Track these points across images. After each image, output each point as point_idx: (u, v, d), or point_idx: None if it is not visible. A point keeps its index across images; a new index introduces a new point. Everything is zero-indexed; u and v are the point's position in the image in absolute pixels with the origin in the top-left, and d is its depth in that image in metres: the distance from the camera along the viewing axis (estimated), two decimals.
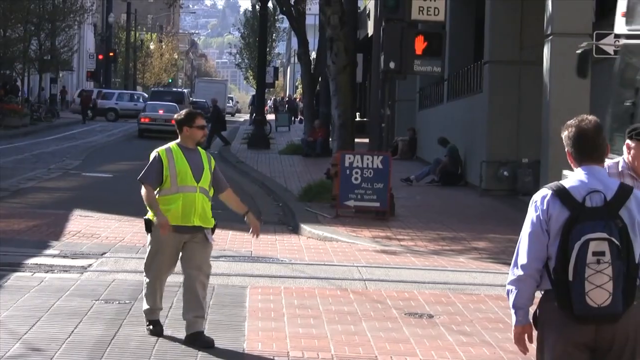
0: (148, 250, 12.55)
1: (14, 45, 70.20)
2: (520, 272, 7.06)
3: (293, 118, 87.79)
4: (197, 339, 12.23)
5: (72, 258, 18.17)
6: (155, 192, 12.27)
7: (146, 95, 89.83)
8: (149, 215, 12.34)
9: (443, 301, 15.48)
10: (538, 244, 7.00)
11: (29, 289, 15.28)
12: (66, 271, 16.95)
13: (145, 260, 12.67)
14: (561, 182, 7.12)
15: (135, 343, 12.24)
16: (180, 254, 12.39)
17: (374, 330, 13.35)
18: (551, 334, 7.08)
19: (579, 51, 16.90)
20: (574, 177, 7.10)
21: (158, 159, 12.28)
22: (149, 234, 12.46)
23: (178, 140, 12.52)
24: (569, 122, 7.20)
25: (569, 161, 7.21)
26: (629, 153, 8.88)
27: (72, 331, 12.70)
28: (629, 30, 16.35)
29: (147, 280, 12.57)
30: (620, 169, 8.88)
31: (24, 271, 16.82)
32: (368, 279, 17.24)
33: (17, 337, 12.33)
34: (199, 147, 12.61)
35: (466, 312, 14.78)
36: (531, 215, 7.04)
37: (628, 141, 8.91)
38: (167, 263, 12.50)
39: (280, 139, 59.35)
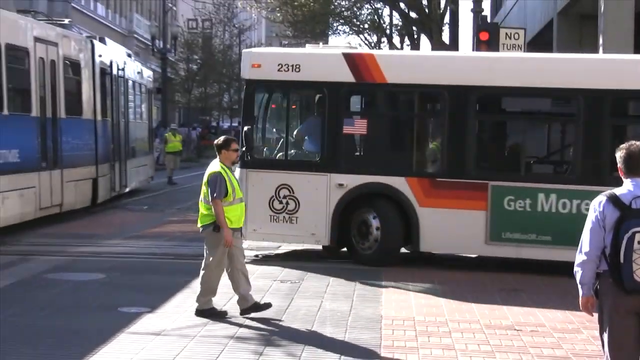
0: (217, 248, 11.89)
1: (212, 99, 71.95)
2: (584, 257, 7.11)
3: None
4: (257, 307, 11.99)
5: (257, 250, 18.13)
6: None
7: None
8: (210, 220, 11.87)
9: (528, 279, 15.32)
10: (597, 236, 7.05)
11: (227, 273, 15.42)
12: (252, 260, 17.04)
13: (212, 260, 11.98)
14: (614, 190, 7.15)
15: (303, 311, 12.28)
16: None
17: (476, 300, 13.26)
18: (608, 303, 7.12)
19: None
20: (623, 187, 7.16)
21: (222, 177, 11.81)
22: (212, 238, 11.92)
23: (219, 160, 12.05)
24: (621, 146, 7.28)
25: (620, 174, 7.24)
26: None
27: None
28: None
29: (212, 274, 12.05)
30: None
31: None
32: (470, 264, 17.12)
33: (219, 307, 12.35)
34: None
35: (543, 287, 14.62)
36: (591, 215, 7.13)
37: None
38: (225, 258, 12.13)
39: None
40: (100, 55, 25.88)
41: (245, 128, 16.49)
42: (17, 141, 19.65)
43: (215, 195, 11.69)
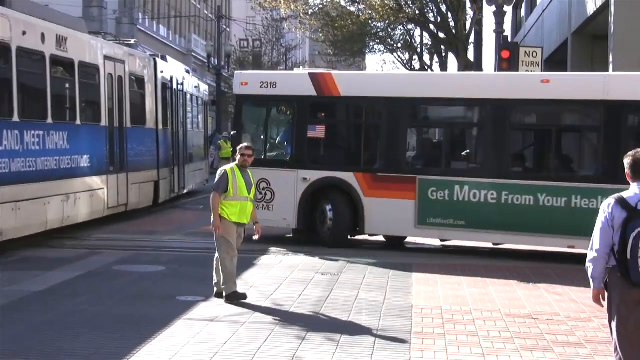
0: (218, 239, 12.17)
1: None
2: (595, 254, 7.08)
3: None
4: (237, 296, 12.10)
5: (300, 246, 18.22)
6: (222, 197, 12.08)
7: None
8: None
9: (543, 272, 15.23)
10: (606, 235, 7.01)
11: (273, 266, 15.46)
12: (296, 254, 17.09)
13: (219, 248, 12.20)
14: (621, 194, 7.11)
15: (342, 300, 12.29)
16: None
17: (497, 291, 13.21)
18: (616, 295, 7.09)
19: None
20: (630, 190, 7.12)
21: (226, 175, 12.11)
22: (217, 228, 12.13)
23: (236, 163, 12.37)
24: (628, 153, 7.28)
25: (627, 179, 7.23)
26: None
27: (301, 293, 12.81)
28: None
29: (224, 260, 12.16)
30: None
31: (269, 255, 16.99)
32: (493, 260, 17.06)
33: (266, 296, 12.49)
34: (248, 170, 12.39)
35: (558, 280, 14.53)
36: (601, 216, 7.10)
37: None
38: (231, 245, 12.21)
39: None
40: (162, 72, 26.01)
41: (233, 132, 19.11)
42: (88, 148, 19.81)
43: (213, 187, 12.17)
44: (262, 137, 19.10)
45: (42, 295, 12.44)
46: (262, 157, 18.33)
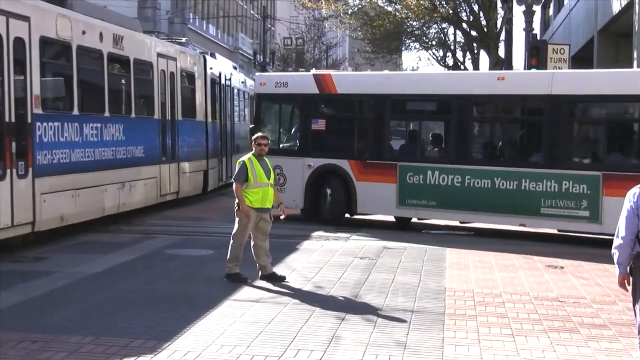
0: (240, 223, 12.19)
1: None
2: (620, 241, 6.97)
3: None
4: (272, 277, 12.24)
5: (340, 232, 18.28)
6: (243, 186, 12.12)
7: None
8: (236, 201, 12.16)
9: (570, 257, 15.09)
10: (632, 223, 6.91)
11: (315, 251, 15.47)
12: (336, 239, 17.09)
13: (235, 231, 12.28)
14: None
15: (379, 282, 12.27)
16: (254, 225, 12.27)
17: (526, 276, 13.12)
18: None
19: None
20: None
21: (244, 165, 12.15)
22: (237, 214, 12.20)
23: (252, 152, 12.38)
24: None
25: None
26: None
27: (341, 276, 12.80)
28: None
29: (235, 243, 12.26)
30: None
31: (311, 240, 17.02)
32: (522, 244, 16.93)
33: (308, 279, 12.50)
34: (265, 158, 12.45)
35: (585, 265, 14.40)
36: (626, 205, 6.98)
37: None
38: (248, 232, 12.30)
39: None
40: (211, 68, 26.06)
41: (251, 126, 21.04)
42: (142, 139, 19.91)
43: (235, 178, 12.22)
44: (277, 129, 20.80)
45: (100, 276, 12.53)
46: (277, 146, 20.05)
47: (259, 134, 12.82)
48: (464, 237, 18.03)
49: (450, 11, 36.07)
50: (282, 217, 12.57)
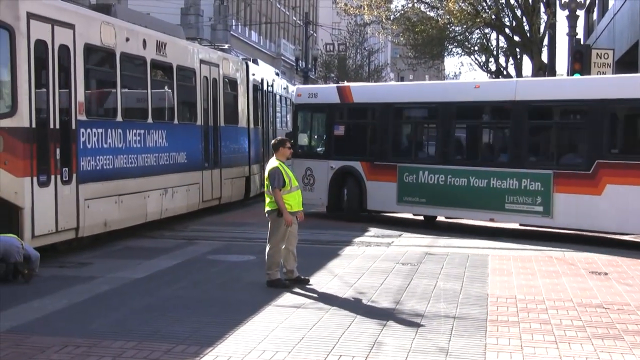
0: (279, 229, 12.24)
1: None
2: None
3: None
4: (298, 281, 12.38)
5: (382, 237, 18.27)
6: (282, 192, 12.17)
7: None
8: (274, 206, 12.19)
9: (614, 264, 14.93)
10: None
11: (356, 257, 15.45)
12: (378, 245, 17.06)
13: (274, 238, 12.28)
14: None
15: (421, 288, 12.22)
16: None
17: (569, 282, 12.99)
18: None
19: None
20: None
21: (279, 171, 12.20)
22: (275, 221, 12.23)
23: (276, 157, 12.42)
24: None
25: None
26: None
27: (383, 281, 12.78)
28: None
29: (272, 250, 12.29)
30: None
31: (352, 245, 17.00)
32: (565, 250, 16.76)
33: (350, 285, 12.48)
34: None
35: (629, 271, 14.23)
36: None
37: None
38: (285, 237, 12.33)
39: None
40: (253, 74, 26.18)
41: (286, 132, 24.50)
42: (185, 145, 20.04)
43: (275, 185, 12.16)
44: (309, 135, 23.55)
45: (142, 281, 12.63)
46: (308, 150, 22.99)
47: (282, 138, 13.21)
48: (508, 242, 17.93)
49: (493, 16, 35.87)
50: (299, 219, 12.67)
